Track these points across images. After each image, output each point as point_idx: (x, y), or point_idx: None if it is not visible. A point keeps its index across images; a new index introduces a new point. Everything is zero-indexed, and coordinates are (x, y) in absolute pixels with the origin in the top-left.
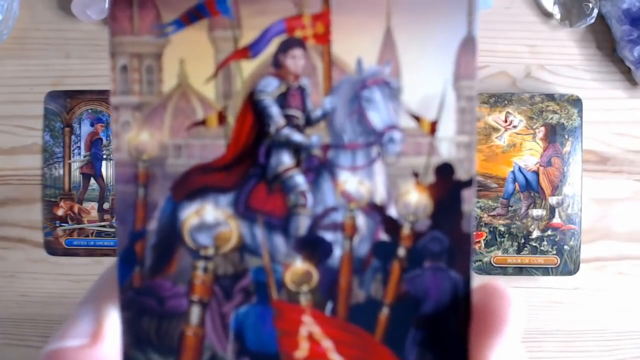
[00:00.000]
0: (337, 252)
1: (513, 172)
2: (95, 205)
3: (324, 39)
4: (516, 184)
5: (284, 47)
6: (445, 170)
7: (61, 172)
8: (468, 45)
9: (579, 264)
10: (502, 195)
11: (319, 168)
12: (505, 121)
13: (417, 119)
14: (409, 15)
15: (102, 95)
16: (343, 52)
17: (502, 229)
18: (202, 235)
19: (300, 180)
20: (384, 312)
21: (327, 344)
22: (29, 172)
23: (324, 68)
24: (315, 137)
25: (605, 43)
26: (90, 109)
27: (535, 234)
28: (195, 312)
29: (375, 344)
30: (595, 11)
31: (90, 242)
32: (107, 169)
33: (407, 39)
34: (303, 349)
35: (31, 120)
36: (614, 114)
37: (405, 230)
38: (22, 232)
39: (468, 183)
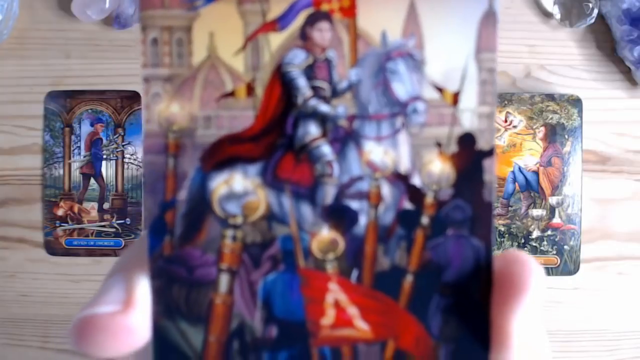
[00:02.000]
0: (363, 221)
1: (513, 172)
2: (95, 205)
3: (349, 12)
4: (516, 184)
5: (311, 20)
6: (467, 140)
7: (61, 172)
8: (489, 18)
9: (579, 264)
10: (502, 195)
11: (345, 138)
12: (505, 121)
13: (440, 90)
14: None
15: (102, 95)
16: (368, 25)
17: (502, 229)
18: (230, 204)
19: (326, 150)
20: (408, 279)
21: (352, 311)
22: (29, 172)
23: (349, 41)
24: (342, 108)
25: (605, 43)
26: (90, 109)
27: (535, 234)
28: (224, 281)
29: (399, 311)
30: (595, 11)
31: (90, 242)
32: (107, 169)
33: (430, 12)
34: (329, 316)
35: (31, 120)
36: (614, 114)
37: (429, 199)
38: (22, 232)
39: (489, 153)
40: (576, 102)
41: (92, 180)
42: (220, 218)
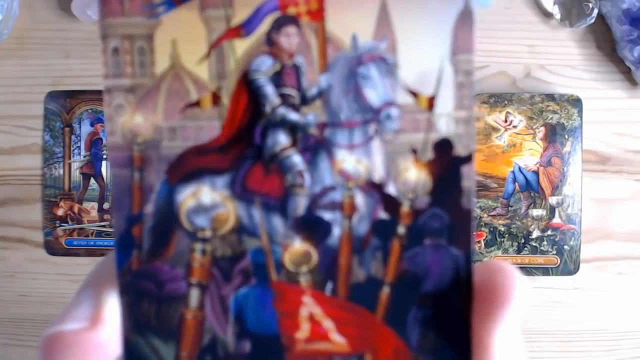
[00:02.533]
0: (336, 232)
1: (513, 172)
2: (95, 205)
3: (318, 15)
4: (516, 184)
5: (277, 25)
6: (443, 146)
7: (61, 172)
8: (465, 18)
9: (579, 264)
10: (502, 195)
11: (316, 147)
12: (505, 121)
13: (414, 94)
14: None
15: (102, 95)
16: (338, 28)
17: (502, 229)
18: (199, 218)
19: (297, 159)
20: (385, 291)
21: (328, 324)
22: (29, 172)
23: (318, 45)
24: (312, 115)
25: (605, 43)
26: (90, 109)
27: (535, 234)
28: (194, 295)
29: (376, 324)
30: (595, 11)
31: (90, 242)
32: (107, 169)
33: (403, 13)
34: (304, 329)
35: (31, 120)
36: (614, 114)
37: (405, 208)
38: (22, 232)
39: (467, 159)
40: (576, 102)
41: (92, 180)
42: (189, 232)
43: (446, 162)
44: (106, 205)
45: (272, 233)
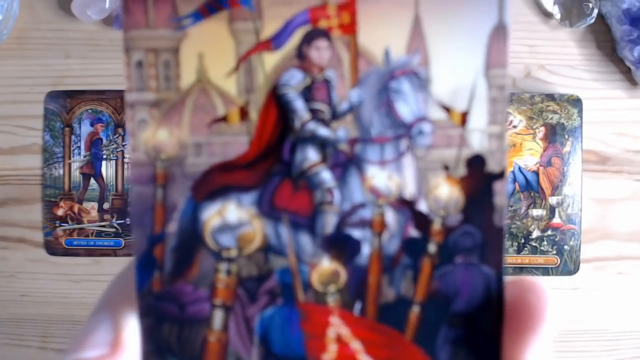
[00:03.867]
0: (366, 250)
1: (513, 172)
2: (95, 205)
3: (349, 29)
4: (516, 184)
5: (308, 39)
6: (476, 163)
7: (61, 172)
8: (499, 32)
9: (579, 264)
10: None
11: (346, 163)
12: None
13: (447, 110)
14: (438, 3)
15: (102, 95)
16: (370, 42)
17: None
18: (224, 237)
19: (326, 176)
20: (415, 310)
21: (356, 345)
22: (29, 172)
23: (350, 59)
24: (342, 131)
25: (605, 43)
26: (90, 109)
27: (535, 234)
28: (218, 317)
29: (405, 344)
30: (595, 11)
31: (90, 242)
32: (107, 169)
33: (436, 27)
34: (331, 351)
35: (31, 120)
36: (614, 114)
37: (436, 226)
38: (22, 232)
39: (500, 175)
40: (576, 102)
41: (92, 180)
42: (213, 251)
43: (478, 178)
44: (106, 205)
45: (300, 252)
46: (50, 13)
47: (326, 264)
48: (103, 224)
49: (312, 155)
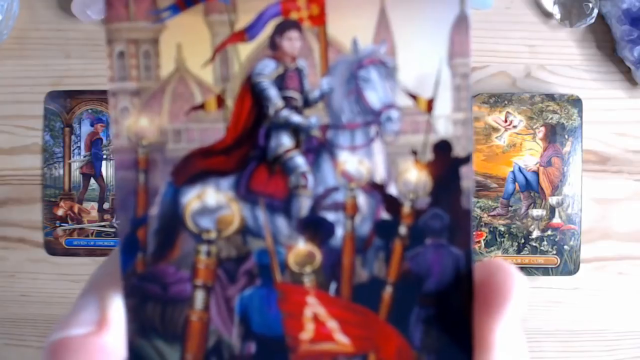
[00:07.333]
0: (339, 232)
1: (513, 172)
2: (95, 205)
3: (319, 20)
4: (516, 184)
5: (280, 30)
6: (443, 148)
7: (61, 172)
8: (461, 23)
9: (579, 264)
10: (502, 195)
11: (319, 149)
12: (505, 121)
13: (413, 97)
14: None
15: (102, 95)
16: (339, 32)
17: (502, 229)
18: (204, 219)
19: (300, 161)
20: (388, 290)
21: (332, 324)
22: (29, 172)
23: (320, 49)
24: (314, 118)
25: (605, 43)
26: (90, 109)
27: (535, 234)
28: (199, 297)
29: (380, 323)
30: (595, 11)
31: (90, 242)
32: (107, 169)
33: (401, 18)
34: (308, 330)
35: (31, 120)
36: (614, 114)
37: (406, 209)
38: (22, 232)
39: (466, 160)
40: (576, 102)
41: (92, 180)
42: (194, 233)
43: (445, 163)
44: (106, 205)
45: (276, 234)
46: (50, 13)
47: (302, 246)
48: (103, 224)
49: (286, 141)
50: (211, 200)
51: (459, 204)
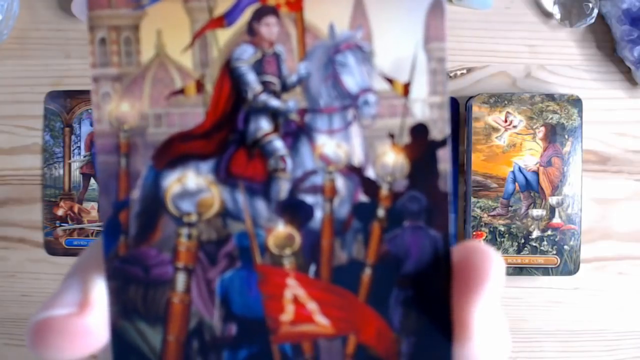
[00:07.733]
0: (318, 215)
1: (513, 172)
2: (95, 205)
3: (296, 6)
4: (516, 184)
5: (258, 15)
6: (419, 131)
7: (61, 172)
8: (436, 8)
9: (579, 264)
10: (502, 195)
11: (297, 132)
12: (505, 121)
13: (390, 81)
14: None
15: None
16: (315, 18)
17: (502, 229)
18: (184, 202)
19: (279, 144)
20: (367, 272)
21: (312, 306)
22: (29, 172)
23: (297, 34)
24: (292, 102)
25: (605, 43)
26: (90, 108)
27: (535, 234)
28: (180, 279)
29: (359, 305)
30: (595, 11)
31: (91, 242)
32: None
33: (377, 3)
34: (288, 312)
35: (31, 120)
36: (614, 114)
37: (384, 191)
38: (22, 232)
39: (442, 143)
40: (576, 102)
41: (92, 180)
42: (175, 216)
43: (422, 146)
44: None
45: (256, 217)
46: (50, 13)
47: (281, 228)
48: None
49: (264, 124)
50: (191, 183)
51: (436, 186)
